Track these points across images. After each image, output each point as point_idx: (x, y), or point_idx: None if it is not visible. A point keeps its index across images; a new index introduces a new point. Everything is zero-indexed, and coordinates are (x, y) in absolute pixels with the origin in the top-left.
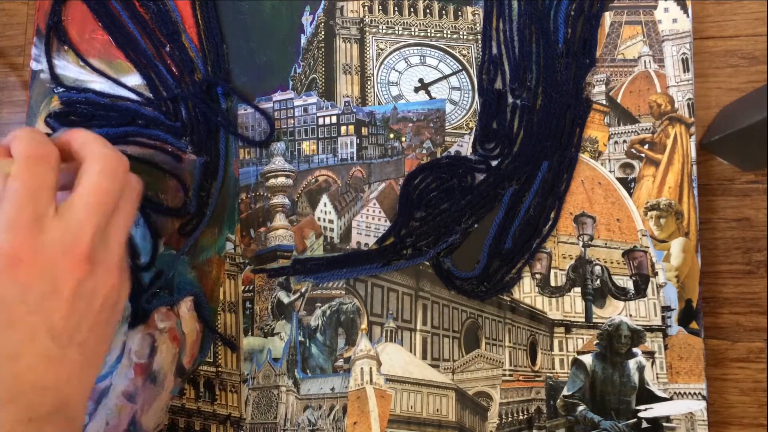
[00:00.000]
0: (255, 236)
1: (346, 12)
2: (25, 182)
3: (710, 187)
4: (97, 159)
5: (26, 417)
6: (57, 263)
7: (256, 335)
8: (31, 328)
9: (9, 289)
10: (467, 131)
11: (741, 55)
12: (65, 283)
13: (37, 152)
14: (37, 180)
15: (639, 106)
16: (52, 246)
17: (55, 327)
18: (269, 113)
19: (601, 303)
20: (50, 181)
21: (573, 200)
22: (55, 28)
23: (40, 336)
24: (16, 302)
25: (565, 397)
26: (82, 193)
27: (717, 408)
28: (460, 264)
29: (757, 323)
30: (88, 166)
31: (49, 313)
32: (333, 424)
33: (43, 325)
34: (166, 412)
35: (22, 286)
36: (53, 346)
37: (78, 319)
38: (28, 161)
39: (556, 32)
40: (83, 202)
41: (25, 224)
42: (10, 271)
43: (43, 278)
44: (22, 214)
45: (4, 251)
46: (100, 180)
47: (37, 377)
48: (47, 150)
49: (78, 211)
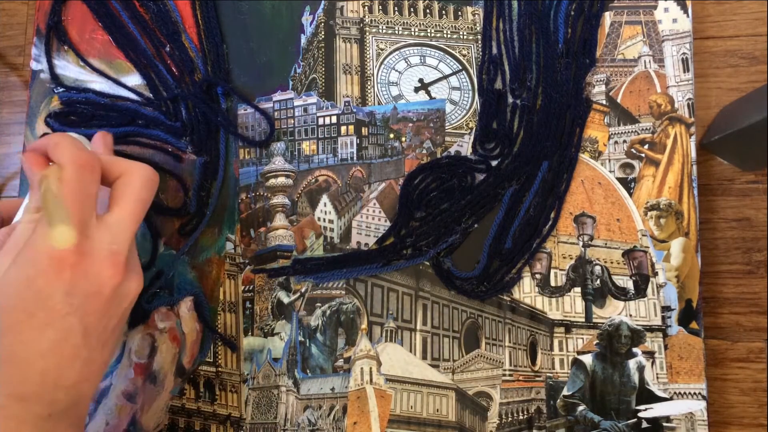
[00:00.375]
0: (255, 236)
1: (346, 12)
2: (73, 189)
3: (710, 187)
4: (139, 172)
5: (47, 413)
6: (101, 268)
7: (256, 335)
8: (68, 328)
9: (55, 289)
10: (467, 131)
11: (741, 55)
12: (106, 287)
13: (85, 161)
14: (85, 188)
15: (639, 106)
16: (97, 251)
17: (89, 327)
18: (269, 113)
19: (601, 303)
20: (94, 188)
21: (573, 200)
22: (55, 28)
23: (73, 336)
24: (60, 302)
25: (565, 397)
26: (128, 203)
27: (717, 408)
28: (460, 264)
29: (757, 323)
30: (131, 178)
31: (88, 313)
32: (333, 424)
33: (79, 326)
34: (166, 412)
35: (68, 287)
36: (83, 347)
37: (108, 320)
38: (76, 169)
39: (556, 32)
40: (128, 211)
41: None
42: (56, 273)
43: (88, 281)
44: (70, 221)
45: (52, 254)
46: (142, 192)
47: (62, 376)
48: (92, 159)
49: (122, 219)
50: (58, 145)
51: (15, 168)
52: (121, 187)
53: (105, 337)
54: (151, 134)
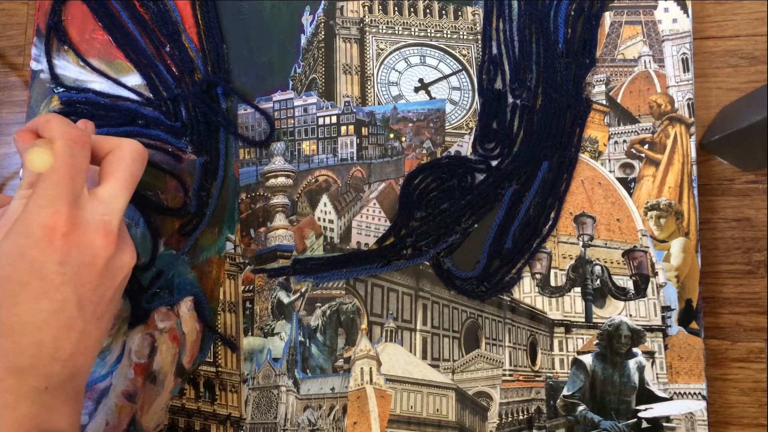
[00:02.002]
0: (255, 236)
1: (346, 12)
2: (65, 163)
3: (710, 187)
4: (129, 147)
5: (43, 385)
6: (93, 238)
7: (256, 335)
8: (62, 298)
9: (48, 258)
10: (467, 131)
11: (741, 55)
12: (99, 258)
13: (75, 136)
14: (76, 161)
15: (639, 106)
16: (89, 222)
17: (84, 299)
18: (269, 113)
19: (601, 303)
20: (85, 163)
21: (573, 200)
22: (55, 28)
23: (68, 307)
24: (54, 271)
25: (565, 397)
26: (119, 177)
27: (717, 408)
28: (460, 264)
29: (757, 323)
30: (122, 152)
31: (82, 284)
32: (333, 424)
33: (74, 297)
34: (166, 412)
35: (61, 256)
36: (78, 319)
37: (103, 292)
38: (68, 143)
39: (556, 32)
40: (119, 185)
41: (65, 201)
42: (49, 243)
43: (81, 251)
44: (61, 192)
45: (45, 223)
46: (133, 165)
47: (58, 348)
48: (83, 135)
49: (114, 192)
50: (48, 122)
51: (15, 168)
52: (112, 162)
53: (100, 311)
54: (151, 134)
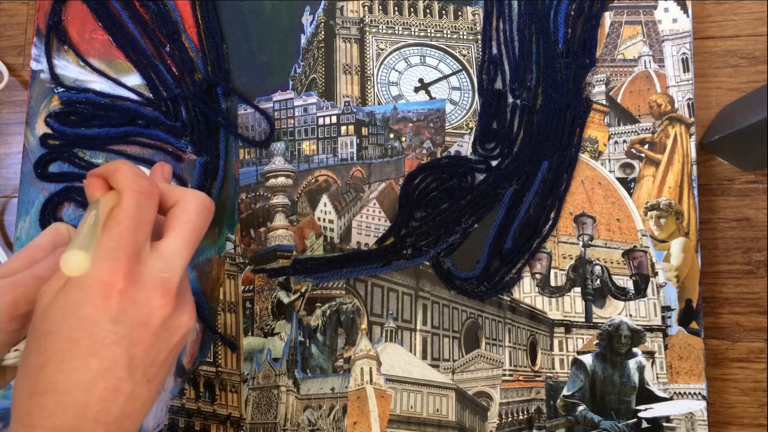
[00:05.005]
0: (255, 236)
1: (346, 12)
2: (130, 215)
3: (710, 187)
4: (194, 199)
5: None
6: (150, 296)
7: (256, 335)
8: (112, 358)
9: (102, 316)
10: (467, 131)
11: (741, 55)
12: (155, 317)
13: (144, 188)
14: (142, 214)
15: (639, 106)
16: (147, 278)
17: (135, 359)
18: (269, 113)
19: (601, 303)
20: (152, 215)
21: (573, 200)
22: (55, 28)
23: (118, 368)
24: (106, 330)
25: (565, 397)
26: (183, 231)
27: (717, 408)
28: (460, 264)
29: (757, 323)
30: (186, 205)
31: (134, 344)
32: (333, 424)
33: (125, 357)
34: (166, 412)
35: (115, 314)
36: (127, 380)
37: (156, 353)
38: (136, 195)
39: (556, 32)
40: (182, 240)
41: (125, 255)
42: (104, 299)
43: (136, 309)
44: (123, 245)
45: (101, 279)
46: (198, 220)
47: (104, 410)
48: (152, 186)
49: (176, 248)
50: (118, 171)
51: (15, 168)
52: (176, 215)
53: (151, 373)
54: (151, 134)
